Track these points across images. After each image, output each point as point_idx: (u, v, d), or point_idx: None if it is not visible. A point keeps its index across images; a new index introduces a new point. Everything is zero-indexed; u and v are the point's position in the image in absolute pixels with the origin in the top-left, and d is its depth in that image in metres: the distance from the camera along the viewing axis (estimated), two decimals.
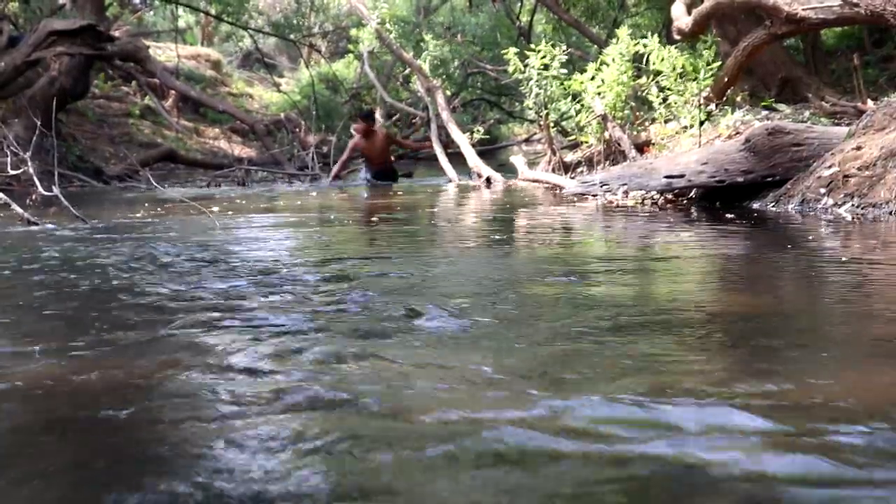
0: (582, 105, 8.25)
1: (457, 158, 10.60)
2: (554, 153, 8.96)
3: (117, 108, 15.15)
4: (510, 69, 8.87)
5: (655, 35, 8.04)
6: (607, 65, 7.96)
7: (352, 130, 10.80)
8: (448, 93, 13.64)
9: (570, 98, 8.51)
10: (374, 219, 5.53)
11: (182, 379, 1.54)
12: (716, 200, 5.51)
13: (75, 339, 1.89)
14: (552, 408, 1.32)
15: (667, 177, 5.60)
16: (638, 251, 3.69)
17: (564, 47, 8.73)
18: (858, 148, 4.68)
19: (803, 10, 7.03)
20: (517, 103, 15.45)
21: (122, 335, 1.92)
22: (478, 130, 12.26)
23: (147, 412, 1.36)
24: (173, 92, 14.48)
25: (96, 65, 12.28)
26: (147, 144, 13.92)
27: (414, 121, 17.20)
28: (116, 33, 12.60)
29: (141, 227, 4.73)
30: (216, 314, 2.16)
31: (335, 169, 10.19)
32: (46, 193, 5.64)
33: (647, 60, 7.82)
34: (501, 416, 1.28)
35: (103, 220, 5.17)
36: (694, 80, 7.33)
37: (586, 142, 8.43)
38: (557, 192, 7.33)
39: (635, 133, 8.07)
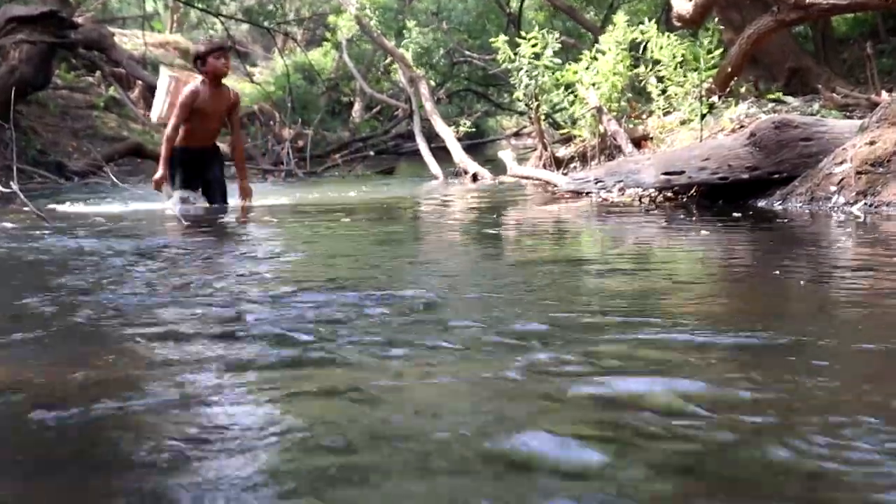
0: (575, 96, 8.14)
1: (441, 153, 10.69)
2: (545, 148, 8.91)
3: (80, 100, 14.93)
4: (499, 58, 8.76)
5: (654, 22, 7.93)
6: (603, 53, 7.87)
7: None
8: (432, 83, 13.67)
9: (562, 89, 8.42)
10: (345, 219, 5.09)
11: (142, 379, 1.56)
12: (718, 198, 5.37)
13: (27, 339, 1.92)
14: None
15: (665, 173, 5.48)
16: (643, 253, 3.56)
17: (557, 34, 8.65)
18: (872, 143, 4.62)
19: None
20: (506, 94, 15.44)
21: (77, 337, 1.97)
22: (464, 123, 12.31)
23: (100, 411, 1.38)
24: (140, 82, 14.20)
25: (59, 53, 12.18)
26: (112, 138, 13.72)
27: (396, 113, 17.00)
28: (80, 20, 12.44)
29: (103, 226, 4.75)
30: (178, 313, 2.17)
31: (164, 150, 5.93)
32: (4, 190, 5.64)
33: (645, 49, 7.75)
34: None
35: (64, 219, 5.14)
36: (695, 70, 7.19)
37: (580, 136, 8.35)
38: (549, 189, 7.26)
39: (632, 126, 8.00)
